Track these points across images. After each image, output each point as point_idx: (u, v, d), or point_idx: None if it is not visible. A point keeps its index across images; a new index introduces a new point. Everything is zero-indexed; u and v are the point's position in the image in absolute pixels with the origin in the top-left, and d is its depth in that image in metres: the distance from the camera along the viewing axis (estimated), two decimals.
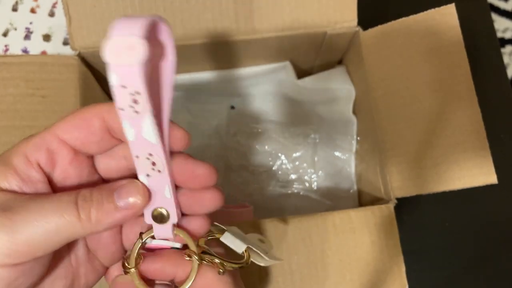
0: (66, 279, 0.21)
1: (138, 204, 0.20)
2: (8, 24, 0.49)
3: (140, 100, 0.16)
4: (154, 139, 0.18)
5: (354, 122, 0.43)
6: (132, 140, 0.18)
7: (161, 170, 0.19)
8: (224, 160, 0.45)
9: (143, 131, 0.18)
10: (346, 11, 0.35)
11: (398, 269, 0.31)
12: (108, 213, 0.19)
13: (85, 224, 0.18)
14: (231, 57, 0.40)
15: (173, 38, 0.18)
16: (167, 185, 0.20)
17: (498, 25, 0.53)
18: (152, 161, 0.19)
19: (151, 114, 0.17)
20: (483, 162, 0.32)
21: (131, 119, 0.17)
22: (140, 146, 0.18)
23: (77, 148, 0.20)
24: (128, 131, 0.18)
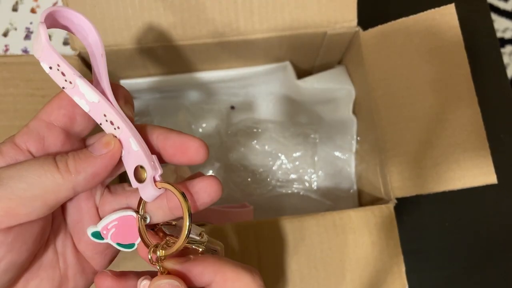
0: (53, 281, 0.21)
1: (112, 146, 0.20)
2: (8, 24, 0.49)
3: (64, 71, 0.19)
4: (96, 97, 0.20)
5: (354, 122, 0.43)
6: (88, 110, 0.20)
7: (120, 126, 0.20)
8: (224, 160, 0.45)
9: (87, 96, 0.20)
10: (346, 11, 0.35)
11: (398, 269, 0.31)
12: (85, 160, 0.20)
13: (64, 174, 0.19)
14: (231, 57, 0.40)
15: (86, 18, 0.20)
16: (130, 138, 0.20)
17: (498, 25, 0.53)
18: (110, 120, 0.20)
19: (81, 79, 0.19)
20: (483, 162, 0.32)
21: (73, 92, 0.20)
22: (95, 111, 0.20)
23: (67, 128, 0.20)
24: (81, 103, 0.20)
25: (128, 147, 0.20)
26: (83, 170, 0.20)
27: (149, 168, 0.20)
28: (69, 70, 0.19)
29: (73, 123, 0.21)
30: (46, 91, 0.34)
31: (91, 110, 0.20)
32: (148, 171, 0.20)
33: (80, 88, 0.19)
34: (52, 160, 0.19)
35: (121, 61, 0.38)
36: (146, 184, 0.21)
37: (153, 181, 0.21)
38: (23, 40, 0.48)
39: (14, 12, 0.49)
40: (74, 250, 0.22)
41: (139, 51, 0.36)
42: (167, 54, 0.37)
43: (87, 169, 0.20)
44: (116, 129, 0.20)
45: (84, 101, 0.20)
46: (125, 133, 0.20)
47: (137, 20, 0.35)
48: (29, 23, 0.49)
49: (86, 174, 0.20)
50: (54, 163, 0.19)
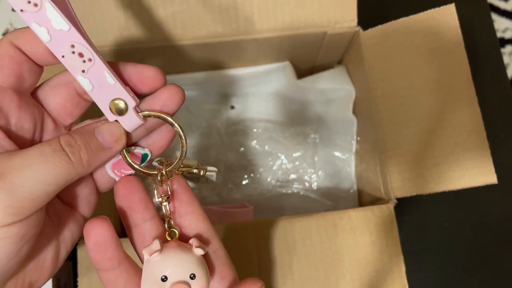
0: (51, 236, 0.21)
1: (122, 142, 0.21)
2: (8, 24, 0.49)
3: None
4: (65, 25, 0.18)
5: (354, 122, 0.43)
6: (48, 41, 0.18)
7: (92, 58, 0.19)
8: (224, 160, 0.45)
9: (52, 23, 0.18)
10: (346, 11, 0.35)
11: (398, 269, 0.31)
12: (97, 154, 0.20)
13: (78, 167, 0.19)
14: (231, 57, 0.40)
15: None
16: (105, 71, 0.19)
17: (498, 25, 0.53)
18: (78, 52, 0.19)
19: (50, 2, 0.17)
20: (483, 162, 0.32)
21: (35, 17, 0.17)
22: (58, 41, 0.18)
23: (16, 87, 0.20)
24: (40, 31, 0.18)
25: (102, 81, 0.20)
26: (95, 163, 0.20)
27: (130, 99, 0.20)
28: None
29: (22, 81, 0.20)
30: None
31: (53, 41, 0.18)
32: (130, 102, 0.20)
33: (48, 13, 0.17)
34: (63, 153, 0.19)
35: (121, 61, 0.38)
36: (128, 116, 0.20)
37: (136, 111, 0.20)
38: None
39: (14, 12, 0.49)
40: (59, 202, 0.22)
41: (139, 51, 0.36)
42: (167, 54, 0.37)
43: (98, 161, 0.20)
44: (87, 61, 0.19)
45: (46, 29, 0.18)
46: (99, 66, 0.19)
47: (137, 20, 0.35)
48: None
49: (96, 166, 0.20)
50: (66, 157, 0.19)
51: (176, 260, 0.20)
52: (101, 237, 0.20)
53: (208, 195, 0.44)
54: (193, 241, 0.21)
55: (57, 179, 0.18)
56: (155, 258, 0.20)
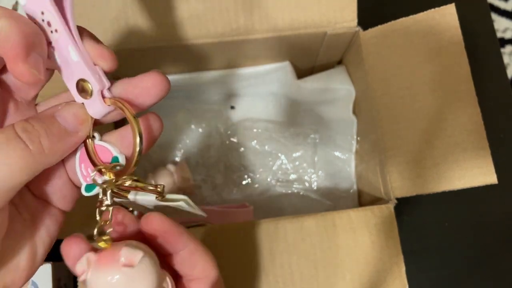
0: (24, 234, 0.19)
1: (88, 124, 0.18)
2: None
3: None
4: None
5: (354, 122, 0.43)
6: (24, 4, 0.17)
7: (58, 30, 0.17)
8: (224, 160, 0.45)
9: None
10: (346, 11, 0.35)
11: (398, 269, 0.31)
12: (60, 139, 0.17)
13: (39, 156, 0.16)
14: (231, 57, 0.40)
15: None
16: (69, 46, 0.17)
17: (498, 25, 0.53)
18: (47, 21, 0.17)
19: None
20: (483, 162, 0.32)
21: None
22: (32, 5, 0.17)
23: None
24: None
25: (67, 57, 0.18)
26: (60, 150, 0.17)
27: (94, 82, 0.18)
28: None
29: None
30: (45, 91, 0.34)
31: (27, 6, 0.17)
32: (94, 85, 0.18)
33: None
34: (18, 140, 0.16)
35: (121, 61, 0.37)
36: (93, 100, 0.18)
37: (101, 96, 0.18)
38: None
39: None
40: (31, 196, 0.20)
41: (139, 51, 0.36)
42: (167, 54, 0.37)
43: (64, 147, 0.18)
44: (53, 32, 0.17)
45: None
46: (64, 39, 0.17)
47: (137, 20, 0.35)
48: None
49: (63, 153, 0.18)
50: (23, 144, 0.16)
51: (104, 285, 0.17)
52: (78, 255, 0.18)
53: (208, 195, 0.45)
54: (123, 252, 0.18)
55: (14, 173, 0.16)
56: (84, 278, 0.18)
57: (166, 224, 0.20)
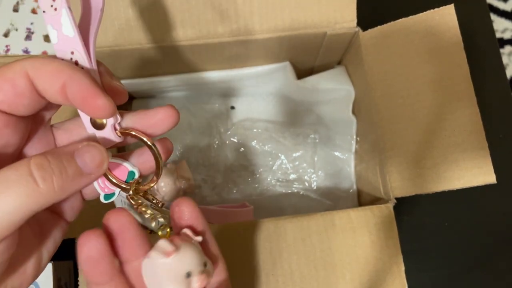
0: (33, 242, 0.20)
1: (103, 168, 0.19)
2: (9, 25, 0.49)
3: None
4: (71, 31, 0.19)
5: (354, 122, 0.43)
6: (56, 43, 0.19)
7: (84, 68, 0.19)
8: (224, 160, 0.45)
9: (63, 28, 0.19)
10: (345, 12, 0.35)
11: (397, 269, 0.31)
12: (73, 180, 0.18)
13: (48, 195, 0.17)
14: (231, 57, 0.40)
15: None
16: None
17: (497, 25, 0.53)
18: (74, 60, 0.19)
19: (67, 8, 0.18)
20: (482, 162, 0.32)
21: (52, 20, 0.19)
22: (63, 45, 0.19)
23: (6, 111, 0.19)
24: (52, 33, 0.19)
25: None
26: (70, 190, 0.18)
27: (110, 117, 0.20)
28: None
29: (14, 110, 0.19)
30: None
31: (58, 45, 0.19)
32: (109, 119, 0.20)
33: (62, 18, 0.19)
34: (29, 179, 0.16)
35: (121, 61, 0.38)
36: (106, 132, 0.20)
37: (113, 129, 0.20)
38: (24, 40, 0.49)
39: (15, 12, 0.49)
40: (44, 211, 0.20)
41: (139, 51, 0.36)
42: (167, 54, 0.37)
43: (74, 188, 0.18)
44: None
45: (57, 32, 0.19)
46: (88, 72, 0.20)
47: (137, 20, 0.35)
48: (30, 23, 0.49)
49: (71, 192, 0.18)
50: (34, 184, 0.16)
51: (191, 254, 0.20)
52: (94, 251, 0.19)
53: (208, 195, 0.45)
54: (186, 231, 0.21)
55: (22, 209, 0.16)
56: (171, 259, 0.20)
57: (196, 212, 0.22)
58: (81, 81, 0.18)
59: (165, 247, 0.20)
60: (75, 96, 0.18)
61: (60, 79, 0.18)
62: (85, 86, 0.18)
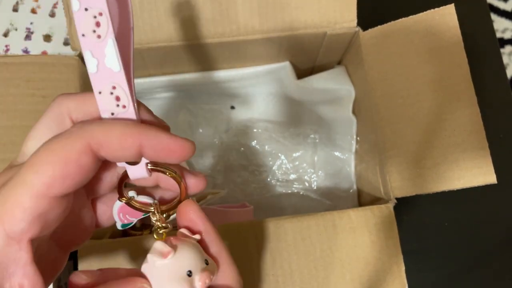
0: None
1: None
2: (9, 25, 0.49)
3: (102, 22, 0.17)
4: (117, 65, 0.17)
5: (354, 122, 0.43)
6: (94, 72, 0.18)
7: (126, 105, 0.18)
8: (224, 160, 0.45)
9: (106, 59, 0.17)
10: (345, 12, 0.35)
11: (397, 269, 0.31)
12: None
13: None
14: (231, 57, 0.40)
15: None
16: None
17: (498, 25, 0.53)
18: (116, 95, 0.18)
19: (114, 39, 0.17)
20: (483, 162, 0.32)
21: (93, 46, 0.17)
22: (103, 77, 0.18)
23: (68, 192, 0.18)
24: (90, 61, 0.17)
25: None
26: None
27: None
28: (108, 23, 0.17)
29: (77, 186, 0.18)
30: (47, 91, 0.34)
31: (98, 75, 0.18)
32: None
33: (106, 48, 0.17)
34: None
35: None
36: (138, 167, 0.20)
37: (146, 165, 0.20)
38: (24, 40, 0.49)
39: (15, 12, 0.49)
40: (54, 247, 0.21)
41: (139, 51, 0.36)
42: (167, 54, 0.37)
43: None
44: (120, 107, 0.19)
45: (97, 61, 0.18)
46: (130, 115, 0.19)
47: (137, 20, 0.35)
48: (30, 23, 0.49)
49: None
50: None
51: (190, 253, 0.20)
52: None
53: None
54: (183, 231, 0.21)
55: None
56: (168, 259, 0.19)
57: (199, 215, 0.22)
58: (157, 136, 0.18)
59: (161, 248, 0.19)
60: (159, 153, 0.18)
61: (135, 144, 0.18)
62: (164, 139, 0.18)
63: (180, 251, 0.20)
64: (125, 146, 0.18)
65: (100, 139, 0.17)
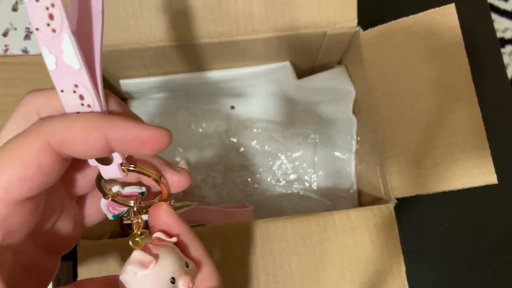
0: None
1: None
2: (8, 24, 0.49)
3: (56, 14, 0.15)
4: (76, 63, 0.16)
5: (354, 122, 0.43)
6: (53, 70, 0.16)
7: (91, 105, 0.17)
8: (224, 160, 0.45)
9: (64, 55, 0.16)
10: (346, 11, 0.35)
11: (398, 269, 0.31)
12: None
13: None
14: (231, 57, 0.40)
15: None
16: None
17: (498, 25, 0.53)
18: (79, 94, 0.17)
19: (70, 33, 0.15)
20: (483, 162, 0.32)
21: (49, 41, 0.16)
22: (63, 75, 0.16)
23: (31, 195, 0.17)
24: (48, 58, 0.16)
25: None
26: None
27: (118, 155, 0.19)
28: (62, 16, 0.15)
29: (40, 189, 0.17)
30: None
31: (57, 72, 0.16)
32: (116, 157, 0.19)
33: (63, 44, 0.16)
34: None
35: (121, 61, 0.38)
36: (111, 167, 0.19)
37: (120, 166, 0.19)
38: (23, 40, 0.48)
39: (14, 12, 0.49)
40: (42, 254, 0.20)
41: (139, 51, 0.36)
42: (167, 54, 0.37)
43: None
44: (85, 106, 0.17)
45: (55, 58, 0.16)
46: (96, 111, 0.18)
47: (137, 20, 0.35)
48: (29, 23, 0.49)
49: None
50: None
51: (170, 259, 0.19)
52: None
53: (208, 195, 0.44)
54: (158, 235, 0.20)
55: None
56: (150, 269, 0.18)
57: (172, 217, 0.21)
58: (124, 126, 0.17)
59: (141, 258, 0.18)
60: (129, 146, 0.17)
61: (100, 137, 0.16)
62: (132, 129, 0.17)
63: (160, 258, 0.19)
64: (89, 140, 0.16)
65: (61, 135, 0.16)
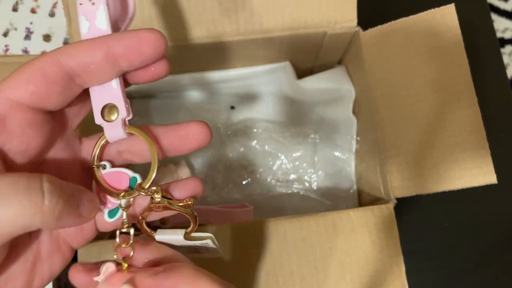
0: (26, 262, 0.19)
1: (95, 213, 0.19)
2: (8, 24, 0.49)
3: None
4: (105, 25, 0.19)
5: (354, 122, 0.43)
6: (86, 32, 0.20)
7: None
8: (224, 160, 0.45)
9: (96, 21, 0.19)
10: (346, 11, 0.35)
11: (398, 269, 0.31)
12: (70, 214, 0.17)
13: (45, 216, 0.16)
14: (231, 57, 0.40)
15: None
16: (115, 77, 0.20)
17: (498, 25, 0.53)
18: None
19: (105, 4, 0.19)
20: (483, 162, 0.32)
21: (87, 11, 0.19)
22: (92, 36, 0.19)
23: (35, 105, 0.18)
24: (83, 23, 0.19)
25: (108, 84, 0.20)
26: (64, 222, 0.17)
27: (123, 110, 0.20)
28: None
29: (44, 102, 0.18)
30: None
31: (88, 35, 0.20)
32: (122, 112, 0.20)
33: (98, 12, 0.19)
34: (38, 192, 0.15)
35: None
36: (114, 125, 0.20)
37: (123, 123, 0.20)
38: (23, 40, 0.49)
39: (14, 12, 0.49)
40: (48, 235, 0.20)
41: None
42: (167, 54, 0.37)
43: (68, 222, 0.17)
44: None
45: (89, 24, 0.20)
46: None
47: (137, 20, 0.35)
48: (29, 23, 0.49)
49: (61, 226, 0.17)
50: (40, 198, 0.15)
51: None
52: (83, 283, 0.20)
53: (208, 195, 0.45)
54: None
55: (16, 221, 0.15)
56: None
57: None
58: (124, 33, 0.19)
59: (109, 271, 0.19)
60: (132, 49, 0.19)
61: (102, 46, 0.18)
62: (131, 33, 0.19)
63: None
64: (94, 52, 0.18)
65: (68, 51, 0.18)
